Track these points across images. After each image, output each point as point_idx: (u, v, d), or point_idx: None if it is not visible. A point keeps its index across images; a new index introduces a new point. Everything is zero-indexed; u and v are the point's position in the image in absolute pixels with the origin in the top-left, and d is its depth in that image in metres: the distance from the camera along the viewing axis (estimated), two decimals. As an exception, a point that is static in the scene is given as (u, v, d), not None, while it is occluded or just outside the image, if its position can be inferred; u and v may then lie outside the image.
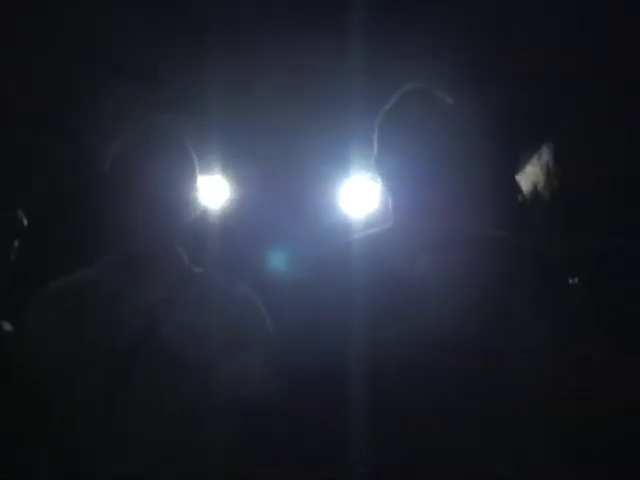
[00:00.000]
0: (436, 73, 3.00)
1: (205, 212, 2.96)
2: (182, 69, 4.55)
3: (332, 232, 4.17)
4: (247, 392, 2.53)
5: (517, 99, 4.30)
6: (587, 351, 2.43)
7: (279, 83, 4.54)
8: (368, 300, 2.50)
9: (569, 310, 2.48)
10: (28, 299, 2.65)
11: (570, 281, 2.55)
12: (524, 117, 4.07)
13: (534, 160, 2.63)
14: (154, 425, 2.50)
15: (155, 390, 2.51)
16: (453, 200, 2.57)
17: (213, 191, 4.74)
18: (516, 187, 2.67)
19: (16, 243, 2.60)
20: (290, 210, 4.77)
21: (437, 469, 2.41)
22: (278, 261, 4.60)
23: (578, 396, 2.40)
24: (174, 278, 2.61)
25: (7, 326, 2.63)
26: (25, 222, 2.59)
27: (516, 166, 2.68)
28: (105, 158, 2.59)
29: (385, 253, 2.56)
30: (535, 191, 2.61)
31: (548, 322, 2.45)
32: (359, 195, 4.75)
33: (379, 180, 2.63)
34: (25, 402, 2.50)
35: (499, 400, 2.42)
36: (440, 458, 2.41)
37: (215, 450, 2.51)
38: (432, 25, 4.46)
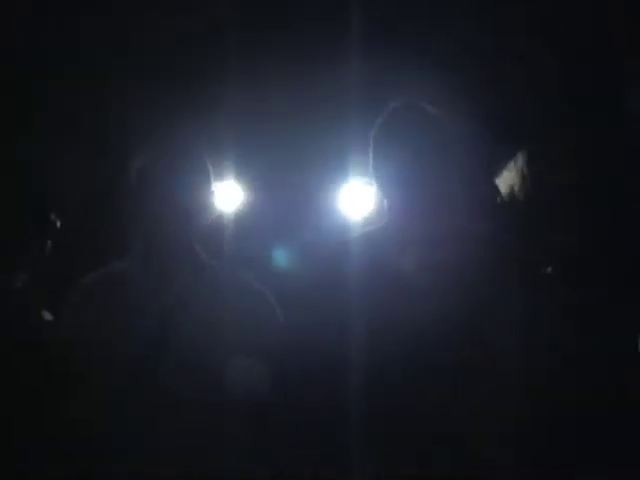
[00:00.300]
0: (428, 87, 3.10)
1: (220, 215, 3.10)
2: (199, 88, 4.58)
3: (332, 231, 4.24)
4: (253, 391, 2.59)
5: (497, 111, 4.26)
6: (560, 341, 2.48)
7: (286, 101, 4.53)
8: (363, 290, 2.58)
9: (544, 304, 2.53)
10: (63, 292, 2.75)
11: (546, 270, 2.62)
12: (503, 126, 4.06)
13: (510, 165, 2.71)
14: (166, 423, 2.56)
15: (170, 388, 2.58)
16: (441, 201, 2.64)
17: (227, 195, 4.70)
18: (497, 189, 2.73)
19: (50, 243, 2.69)
20: (295, 211, 4.77)
21: (433, 456, 2.47)
22: (284, 257, 4.66)
23: (557, 382, 2.45)
24: (191, 274, 2.72)
25: (47, 315, 2.72)
26: (58, 224, 2.71)
27: (496, 170, 2.75)
28: (132, 170, 2.74)
29: (379, 248, 2.64)
30: (512, 193, 2.68)
31: (528, 316, 2.50)
32: (356, 198, 4.73)
33: (375, 185, 2.70)
34: (58, 392, 2.55)
35: (486, 388, 2.46)
36: (436, 446, 2.46)
37: (225, 448, 2.56)
38: (427, 44, 4.45)
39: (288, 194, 4.88)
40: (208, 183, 2.77)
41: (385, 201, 2.71)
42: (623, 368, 2.44)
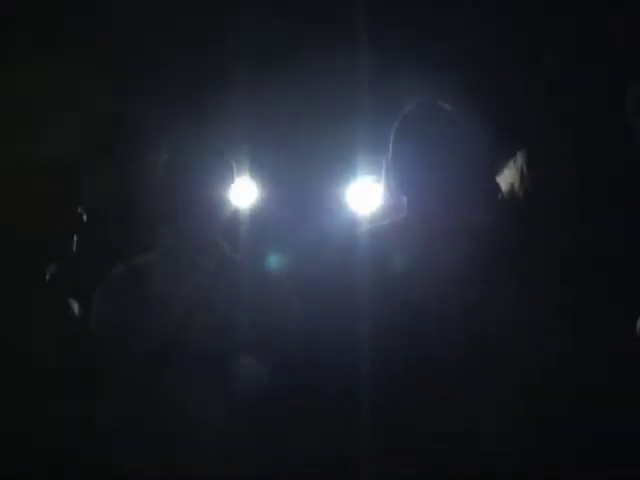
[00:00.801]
0: (434, 89, 3.07)
1: (236, 210, 3.20)
2: (214, 93, 4.67)
3: (341, 226, 4.33)
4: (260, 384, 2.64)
5: (498, 115, 4.22)
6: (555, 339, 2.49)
7: (299, 103, 4.66)
8: (369, 282, 2.63)
9: (540, 302, 2.55)
10: (91, 283, 2.81)
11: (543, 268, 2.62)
12: (504, 128, 4.14)
13: (510, 164, 2.80)
14: (179, 421, 2.62)
15: (188, 384, 2.65)
16: (458, 198, 2.66)
17: (242, 191, 4.80)
18: (498, 187, 2.81)
19: (76, 236, 2.76)
20: (306, 208, 4.87)
21: (433, 452, 2.48)
22: (276, 261, 4.77)
23: (553, 380, 2.47)
24: (213, 265, 2.81)
25: (76, 306, 2.78)
26: (85, 218, 2.77)
27: (497, 168, 2.83)
28: (157, 169, 2.83)
29: (386, 242, 2.68)
30: (511, 191, 2.76)
31: (523, 313, 2.53)
32: (364, 195, 4.78)
33: (393, 183, 2.69)
34: (84, 384, 2.58)
35: (484, 385, 2.48)
36: (435, 443, 2.48)
37: (232, 446, 2.61)
38: (430, 49, 4.56)
39: (299, 191, 4.97)
40: (231, 180, 2.86)
41: (405, 199, 2.71)
42: (619, 366, 2.45)
